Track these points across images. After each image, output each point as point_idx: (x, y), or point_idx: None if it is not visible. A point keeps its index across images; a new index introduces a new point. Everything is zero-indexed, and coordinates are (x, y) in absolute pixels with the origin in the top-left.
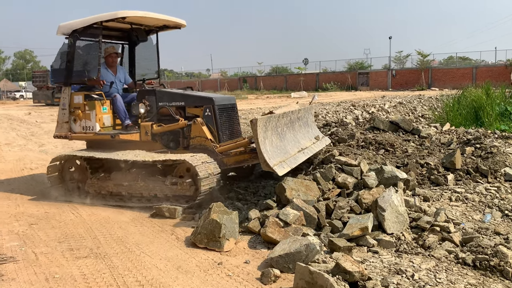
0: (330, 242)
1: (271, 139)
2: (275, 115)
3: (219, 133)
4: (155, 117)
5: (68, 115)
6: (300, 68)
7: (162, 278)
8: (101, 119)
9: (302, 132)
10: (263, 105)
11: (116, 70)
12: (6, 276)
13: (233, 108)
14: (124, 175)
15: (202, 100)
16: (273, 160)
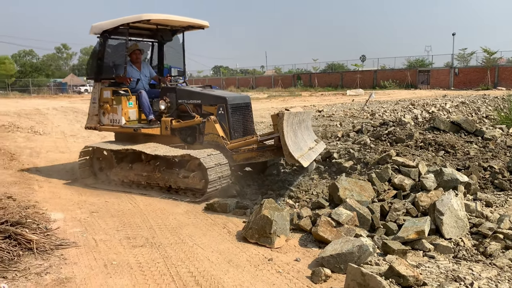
0: (384, 244)
1: (290, 134)
2: (293, 112)
3: (230, 130)
4: (175, 113)
5: (98, 109)
6: (357, 65)
7: (214, 271)
8: (126, 113)
9: (307, 133)
10: (317, 102)
11: (140, 66)
12: (69, 260)
13: (247, 107)
14: (144, 166)
15: (216, 99)
16: (296, 152)
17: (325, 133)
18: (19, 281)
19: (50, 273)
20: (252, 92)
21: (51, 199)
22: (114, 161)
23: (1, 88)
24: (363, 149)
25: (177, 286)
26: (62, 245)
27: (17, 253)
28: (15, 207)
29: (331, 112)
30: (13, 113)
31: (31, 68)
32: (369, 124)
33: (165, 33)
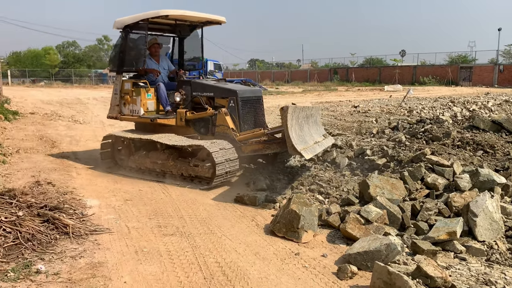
0: (413, 244)
1: (295, 128)
2: (299, 107)
3: (240, 123)
4: (190, 105)
5: (119, 99)
6: (396, 60)
7: (240, 262)
8: (145, 104)
9: (314, 128)
10: (353, 97)
11: (159, 59)
12: (103, 246)
13: (258, 101)
14: (159, 154)
15: (227, 92)
16: (299, 144)
17: (360, 129)
18: (55, 263)
19: (84, 257)
20: (287, 86)
21: (88, 186)
22: (133, 149)
23: (46, 77)
24: (397, 147)
25: (204, 275)
26: (96, 230)
27: (54, 236)
28: (54, 193)
29: (367, 107)
30: (56, 102)
31: (73, 59)
32: (406, 121)
33: (183, 28)
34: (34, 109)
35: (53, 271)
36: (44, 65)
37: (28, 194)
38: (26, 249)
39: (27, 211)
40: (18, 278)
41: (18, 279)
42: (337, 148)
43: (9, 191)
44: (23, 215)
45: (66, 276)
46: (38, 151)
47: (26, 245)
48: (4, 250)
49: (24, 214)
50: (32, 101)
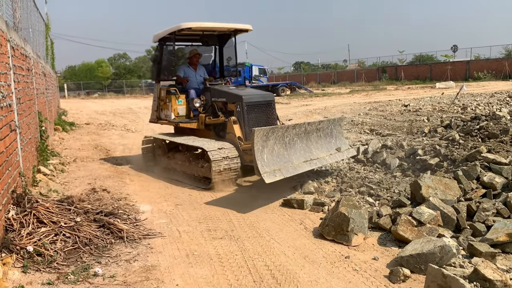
0: (470, 246)
1: (273, 148)
2: (283, 126)
3: (246, 129)
4: (210, 110)
5: (157, 105)
6: (448, 55)
7: (290, 266)
8: (175, 110)
9: (320, 142)
10: (403, 96)
11: (196, 68)
12: (155, 249)
13: (268, 105)
14: (180, 155)
15: (234, 98)
16: (266, 167)
17: (411, 128)
18: (111, 267)
19: (138, 261)
20: (333, 87)
21: (140, 192)
22: (166, 150)
23: (99, 89)
24: (450, 145)
25: (253, 278)
26: (149, 235)
27: (110, 241)
28: (109, 199)
29: (418, 106)
30: (109, 113)
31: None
32: (459, 119)
33: (210, 38)
34: (89, 120)
35: (109, 274)
36: (97, 78)
37: (85, 201)
38: (84, 253)
39: (84, 217)
40: (77, 280)
41: (77, 281)
42: (387, 149)
43: (67, 198)
44: (80, 221)
45: (121, 279)
46: (93, 159)
47: (84, 249)
48: (64, 254)
49: (81, 219)
50: (87, 112)
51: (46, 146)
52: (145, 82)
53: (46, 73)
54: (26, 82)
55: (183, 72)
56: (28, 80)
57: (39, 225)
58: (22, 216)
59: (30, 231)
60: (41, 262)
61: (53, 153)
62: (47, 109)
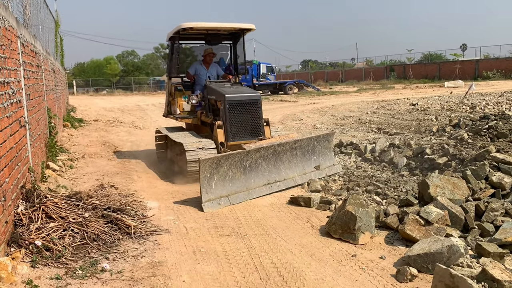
0: (478, 246)
1: (226, 173)
2: (242, 152)
3: (227, 128)
4: (206, 107)
5: (168, 101)
6: (457, 54)
7: (296, 263)
8: (180, 105)
9: (294, 161)
10: (411, 95)
11: (209, 66)
12: (162, 246)
13: (253, 105)
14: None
15: (219, 95)
16: (211, 195)
17: (419, 127)
18: (118, 262)
19: (145, 257)
20: (341, 86)
21: (148, 188)
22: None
23: (107, 86)
24: (459, 145)
25: (260, 275)
26: (156, 231)
27: (118, 236)
28: (117, 195)
29: (426, 105)
30: (117, 109)
31: (132, 68)
32: (468, 118)
33: (213, 37)
34: (97, 117)
35: (117, 269)
36: (106, 75)
37: (93, 197)
38: (92, 248)
39: (92, 213)
40: (85, 275)
41: (85, 276)
42: (395, 148)
43: (76, 194)
44: (88, 216)
45: (129, 274)
46: (101, 156)
47: (92, 244)
48: (72, 249)
49: (89, 215)
50: (96, 109)
51: (55, 142)
52: (153, 79)
53: (55, 69)
54: (36, 78)
55: (194, 70)
56: (38, 77)
57: (47, 220)
58: (31, 211)
59: (39, 226)
60: (50, 257)
61: (62, 149)
62: (56, 106)
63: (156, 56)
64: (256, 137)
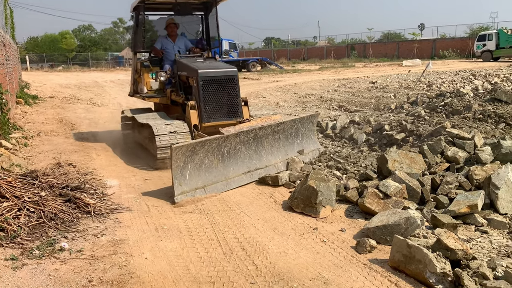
0: (433, 217)
1: (202, 161)
2: (221, 137)
3: (201, 107)
4: (177, 84)
5: (134, 79)
6: (415, 34)
7: (259, 238)
8: (148, 83)
9: (277, 146)
10: (371, 73)
11: (175, 39)
12: (123, 224)
13: (230, 81)
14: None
15: (191, 71)
16: (185, 186)
17: (378, 105)
18: (78, 241)
19: (105, 235)
20: (303, 64)
21: (107, 166)
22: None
23: (63, 62)
24: (416, 121)
25: (223, 250)
26: (117, 209)
27: (76, 215)
28: (75, 173)
29: (385, 83)
30: (74, 86)
31: (90, 43)
32: (425, 96)
33: (183, 7)
34: (53, 93)
35: (76, 248)
36: (61, 50)
37: (50, 175)
38: (49, 227)
39: (49, 192)
40: (43, 255)
41: (43, 256)
42: (355, 124)
43: (31, 172)
44: (45, 195)
45: (89, 253)
46: (58, 133)
47: (49, 224)
48: (28, 229)
49: (46, 194)
50: (51, 86)
51: (8, 119)
52: (112, 55)
53: (5, 43)
54: None
55: (160, 44)
56: None
57: (1, 199)
58: None
59: None
60: (4, 238)
61: (15, 127)
62: (8, 81)
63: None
64: (234, 118)
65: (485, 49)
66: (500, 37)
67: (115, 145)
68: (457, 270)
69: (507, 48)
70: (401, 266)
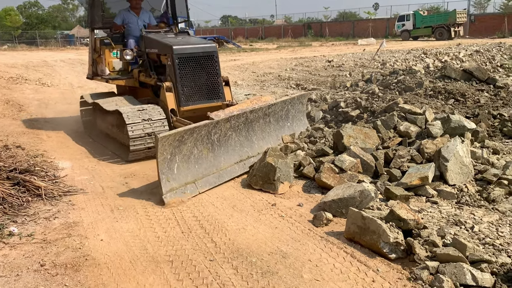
0: (387, 190)
1: (191, 152)
2: (211, 123)
3: (178, 89)
4: (146, 64)
5: (93, 59)
6: (370, 13)
7: (218, 215)
8: (110, 64)
9: (268, 131)
10: (327, 52)
11: (139, 13)
12: (77, 206)
13: (209, 58)
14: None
15: (164, 48)
16: (174, 182)
17: (334, 83)
18: (28, 225)
19: (58, 218)
20: (261, 43)
21: (59, 148)
22: (97, 112)
23: (8, 40)
24: (370, 98)
25: (182, 229)
26: (70, 191)
27: (26, 199)
28: (24, 156)
29: (341, 62)
30: (21, 65)
31: (37, 20)
32: (379, 74)
33: None
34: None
35: (27, 232)
36: (6, 27)
37: None
38: None
39: None
40: None
41: None
42: (312, 102)
43: None
44: None
45: (40, 237)
46: (4, 115)
47: None
48: None
49: None
50: None
51: None
52: (61, 33)
53: None
54: None
55: (122, 19)
56: None
57: None
58: None
59: None
60: None
61: None
62: None
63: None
64: (215, 100)
65: (404, 29)
66: (416, 18)
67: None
68: (409, 239)
69: (422, 28)
70: (356, 238)
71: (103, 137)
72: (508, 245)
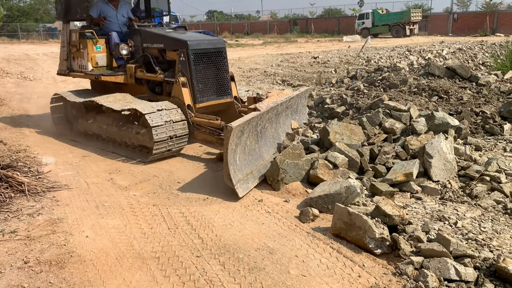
0: (372, 186)
1: (245, 144)
2: (258, 114)
3: (193, 85)
4: (141, 59)
5: (67, 53)
6: (355, 10)
7: (205, 212)
8: (93, 59)
9: (287, 123)
10: (312, 49)
11: (118, 5)
12: (61, 202)
13: (219, 54)
14: (105, 119)
15: (176, 43)
16: (239, 173)
17: (319, 79)
18: (11, 222)
19: (42, 214)
20: (247, 38)
21: (42, 143)
22: (83, 111)
23: None
24: (356, 95)
25: (168, 226)
26: (54, 187)
27: (9, 195)
28: (6, 151)
29: (326, 58)
30: (2, 59)
31: (18, 12)
32: (364, 70)
33: None
34: None
35: (10, 229)
36: None
37: None
38: None
39: None
40: None
41: None
42: None
43: None
44: None
45: (24, 233)
46: None
47: None
48: None
49: None
50: None
51: None
52: (44, 26)
53: None
54: None
55: (98, 11)
56: None
57: None
58: None
59: None
60: None
61: None
62: None
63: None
64: (224, 96)
65: (364, 27)
66: (375, 16)
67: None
68: (394, 234)
69: (380, 26)
70: (343, 233)
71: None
72: (490, 240)
